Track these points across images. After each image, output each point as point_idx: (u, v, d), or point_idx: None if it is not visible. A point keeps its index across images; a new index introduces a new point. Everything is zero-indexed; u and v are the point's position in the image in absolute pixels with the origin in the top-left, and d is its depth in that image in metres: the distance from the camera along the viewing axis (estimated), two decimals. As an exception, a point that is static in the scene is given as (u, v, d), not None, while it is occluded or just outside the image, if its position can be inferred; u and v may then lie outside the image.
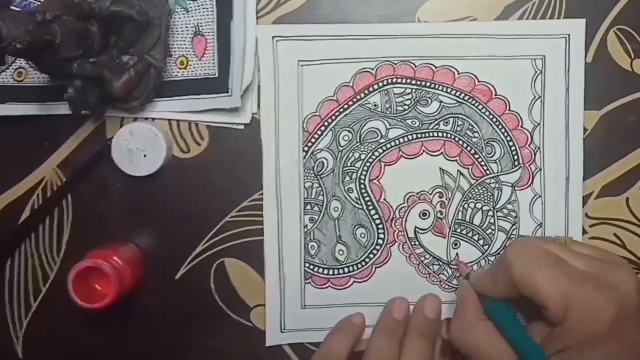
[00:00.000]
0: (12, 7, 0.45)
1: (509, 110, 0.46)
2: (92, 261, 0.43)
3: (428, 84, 0.46)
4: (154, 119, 0.47)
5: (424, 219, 0.46)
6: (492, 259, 0.47)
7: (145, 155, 0.45)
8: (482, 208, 0.46)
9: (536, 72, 0.46)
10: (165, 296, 0.47)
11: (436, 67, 0.46)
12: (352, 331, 0.45)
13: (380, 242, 0.47)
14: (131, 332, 0.47)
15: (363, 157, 0.46)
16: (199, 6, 0.45)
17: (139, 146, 0.45)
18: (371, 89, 0.46)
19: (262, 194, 0.47)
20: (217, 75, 0.45)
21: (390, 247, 0.47)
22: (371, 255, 0.47)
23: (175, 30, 0.45)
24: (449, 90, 0.46)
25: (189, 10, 0.45)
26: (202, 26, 0.45)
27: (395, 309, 0.45)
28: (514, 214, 0.47)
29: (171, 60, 0.46)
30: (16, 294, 0.48)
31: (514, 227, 0.47)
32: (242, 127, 0.46)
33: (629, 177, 0.47)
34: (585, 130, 0.46)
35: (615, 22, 0.46)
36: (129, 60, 0.44)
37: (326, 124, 0.46)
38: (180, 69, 0.46)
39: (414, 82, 0.46)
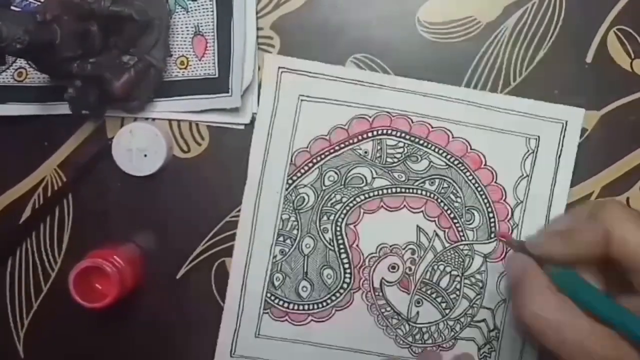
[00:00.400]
0: (12, 7, 0.45)
1: (495, 182, 0.46)
2: (92, 260, 0.43)
3: (421, 142, 0.46)
4: (154, 119, 0.47)
5: (392, 272, 0.46)
6: (451, 323, 0.46)
7: (145, 155, 0.45)
8: (450, 272, 0.46)
9: (528, 151, 0.46)
10: (165, 296, 0.47)
11: (432, 127, 0.46)
12: None
13: (345, 286, 0.46)
14: (132, 331, 0.48)
15: (344, 200, 0.46)
16: (198, 6, 0.45)
17: (139, 146, 0.45)
18: (365, 136, 0.46)
19: (262, 194, 0.47)
20: (217, 75, 0.45)
21: (353, 292, 0.46)
22: (333, 297, 0.46)
23: (175, 30, 0.45)
24: (441, 152, 0.46)
25: (189, 10, 0.45)
26: (201, 26, 0.45)
27: None
28: (480, 284, 0.46)
29: (171, 60, 0.46)
30: (17, 293, 0.48)
31: (478, 296, 0.46)
32: (242, 126, 0.46)
33: (629, 177, 0.47)
34: (585, 130, 0.46)
35: (615, 22, 0.45)
36: (128, 60, 0.44)
37: (314, 161, 0.46)
38: (180, 68, 0.46)
39: (408, 136, 0.46)
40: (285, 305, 0.47)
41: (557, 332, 0.34)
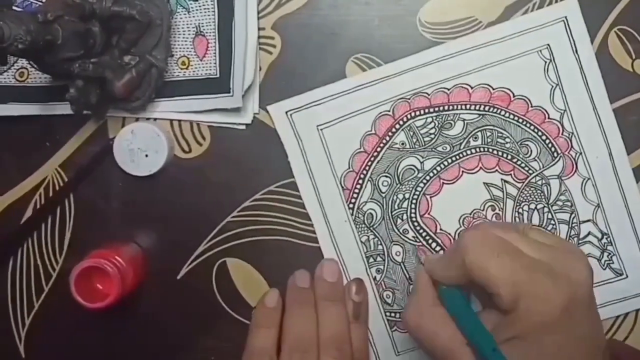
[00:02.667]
0: (14, 7, 0.46)
1: (532, 107, 0.46)
2: (94, 260, 0.43)
3: (446, 107, 0.46)
4: (155, 119, 0.47)
5: None
6: None
7: (146, 155, 0.45)
8: (536, 207, 0.46)
9: (546, 62, 0.45)
10: (166, 296, 0.47)
11: (449, 89, 0.46)
12: (272, 319, 0.44)
13: None
14: (133, 331, 0.48)
15: (407, 196, 0.46)
16: (200, 6, 0.45)
17: (141, 146, 0.45)
18: (393, 130, 0.46)
19: (263, 194, 0.47)
20: (218, 75, 0.45)
21: None
22: None
23: (176, 30, 0.46)
24: (468, 106, 0.46)
25: (190, 10, 0.45)
26: (203, 26, 0.45)
27: (297, 280, 0.45)
28: (569, 204, 0.46)
29: (172, 60, 0.46)
30: (18, 293, 0.48)
31: (573, 215, 0.46)
32: (243, 127, 0.47)
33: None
34: (586, 129, 0.46)
35: (616, 22, 0.45)
36: (130, 60, 0.45)
37: (362, 175, 0.46)
38: (182, 68, 0.46)
39: (431, 110, 0.46)
40: None
41: (429, 341, 0.38)
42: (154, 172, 0.46)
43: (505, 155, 0.46)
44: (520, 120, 0.46)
